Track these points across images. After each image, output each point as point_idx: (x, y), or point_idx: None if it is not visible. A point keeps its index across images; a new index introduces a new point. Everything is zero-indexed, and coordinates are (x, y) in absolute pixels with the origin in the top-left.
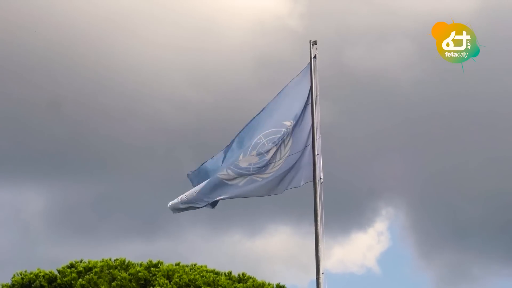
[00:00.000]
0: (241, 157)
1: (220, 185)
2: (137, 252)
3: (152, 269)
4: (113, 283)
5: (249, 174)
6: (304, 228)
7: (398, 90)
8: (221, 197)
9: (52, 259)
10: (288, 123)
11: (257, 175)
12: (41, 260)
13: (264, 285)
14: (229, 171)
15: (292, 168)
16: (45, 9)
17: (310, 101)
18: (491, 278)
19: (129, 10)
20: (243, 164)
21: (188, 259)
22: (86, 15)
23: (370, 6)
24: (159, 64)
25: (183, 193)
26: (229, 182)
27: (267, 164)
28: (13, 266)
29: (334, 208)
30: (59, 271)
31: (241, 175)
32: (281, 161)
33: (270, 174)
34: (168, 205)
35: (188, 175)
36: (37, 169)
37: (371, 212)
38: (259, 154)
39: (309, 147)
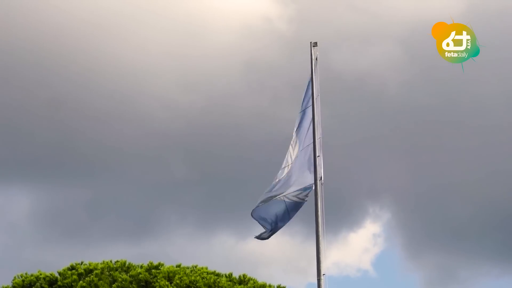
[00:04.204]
0: None
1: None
2: (126, 254)
3: (153, 270)
4: (114, 285)
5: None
6: (293, 228)
7: (386, 95)
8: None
9: (44, 262)
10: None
11: (276, 178)
12: (33, 263)
13: (265, 286)
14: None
15: (308, 166)
16: (37, 15)
17: (311, 101)
18: (480, 279)
19: (119, 16)
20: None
21: (178, 262)
22: (77, 21)
23: (359, 10)
24: (148, 69)
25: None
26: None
27: (283, 168)
28: (3, 269)
29: (326, 211)
30: (59, 273)
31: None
32: (291, 163)
33: (283, 176)
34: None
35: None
36: (27, 173)
37: (362, 214)
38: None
39: (310, 147)
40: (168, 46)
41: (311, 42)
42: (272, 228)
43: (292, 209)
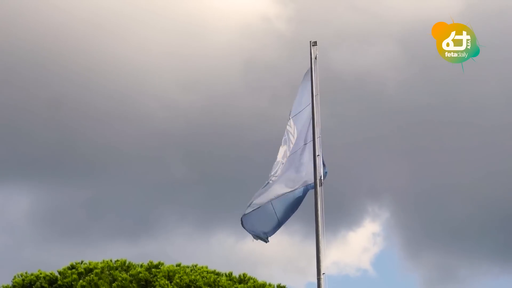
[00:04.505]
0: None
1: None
2: (126, 254)
3: (153, 270)
4: (114, 284)
5: (267, 180)
6: (292, 227)
7: (385, 94)
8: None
9: (43, 262)
10: (290, 121)
11: (271, 177)
12: (32, 262)
13: (265, 285)
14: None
15: (296, 167)
16: (36, 15)
17: (309, 101)
18: (480, 278)
19: (119, 16)
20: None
21: (178, 261)
22: (77, 20)
23: (359, 10)
24: (148, 69)
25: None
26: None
27: (277, 165)
28: (3, 268)
29: (325, 210)
30: (59, 272)
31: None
32: (284, 159)
33: (277, 175)
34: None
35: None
36: (27, 173)
37: (361, 214)
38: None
39: (308, 146)
40: (168, 46)
41: (310, 41)
42: (266, 235)
43: (285, 207)
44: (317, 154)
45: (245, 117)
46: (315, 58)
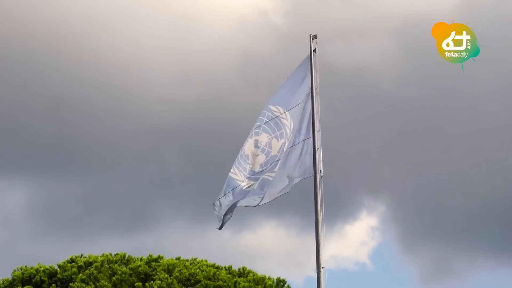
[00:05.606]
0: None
1: (240, 192)
2: (122, 248)
3: (153, 263)
4: (114, 278)
5: (262, 175)
6: (288, 220)
7: (381, 89)
8: (240, 202)
9: (39, 255)
10: (275, 109)
11: (268, 174)
12: (28, 256)
13: (265, 279)
14: (247, 180)
15: (294, 162)
16: (34, 10)
17: (309, 94)
18: (476, 271)
19: (115, 10)
20: (257, 169)
21: (174, 255)
22: (73, 15)
23: (355, 4)
24: (144, 63)
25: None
26: (247, 189)
27: (276, 161)
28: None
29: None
30: (59, 266)
31: (256, 180)
32: (283, 155)
33: (276, 172)
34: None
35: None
36: (23, 166)
37: (358, 208)
38: (261, 149)
39: (309, 140)
40: (164, 40)
41: (310, 35)
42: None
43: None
44: (316, 147)
45: (241, 111)
46: (314, 52)
